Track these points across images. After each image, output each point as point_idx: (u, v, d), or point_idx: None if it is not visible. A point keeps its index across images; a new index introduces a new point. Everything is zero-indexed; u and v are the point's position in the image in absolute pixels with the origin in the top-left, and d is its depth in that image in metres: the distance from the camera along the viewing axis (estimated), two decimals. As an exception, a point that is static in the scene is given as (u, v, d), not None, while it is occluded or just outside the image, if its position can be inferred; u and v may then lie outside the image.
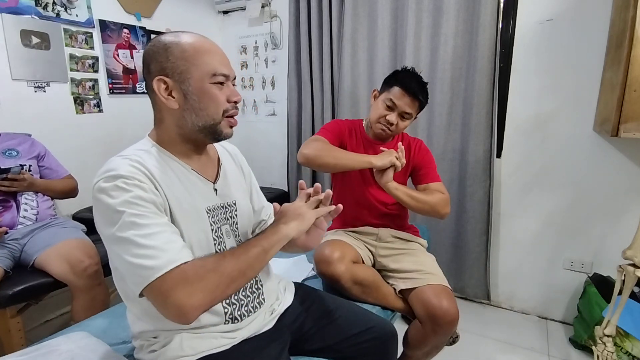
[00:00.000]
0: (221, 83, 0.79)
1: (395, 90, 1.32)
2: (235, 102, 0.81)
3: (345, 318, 1.02)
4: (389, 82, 1.37)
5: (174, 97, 0.77)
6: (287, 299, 1.01)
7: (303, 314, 1.00)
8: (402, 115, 1.34)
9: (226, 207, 0.88)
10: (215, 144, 0.93)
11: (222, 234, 0.85)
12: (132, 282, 0.67)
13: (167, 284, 0.65)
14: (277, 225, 0.80)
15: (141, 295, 0.68)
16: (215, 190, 0.87)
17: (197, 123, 0.78)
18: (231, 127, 0.83)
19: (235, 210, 0.90)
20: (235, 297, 0.86)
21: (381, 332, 1.02)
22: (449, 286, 1.26)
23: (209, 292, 0.68)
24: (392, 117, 1.33)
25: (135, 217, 0.67)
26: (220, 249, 0.83)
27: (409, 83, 1.32)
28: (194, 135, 0.81)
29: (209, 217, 0.82)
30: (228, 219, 0.88)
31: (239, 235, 0.90)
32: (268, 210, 1.06)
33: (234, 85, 0.84)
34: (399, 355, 1.24)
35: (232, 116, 0.81)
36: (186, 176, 0.81)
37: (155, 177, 0.74)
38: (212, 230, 0.83)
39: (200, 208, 0.81)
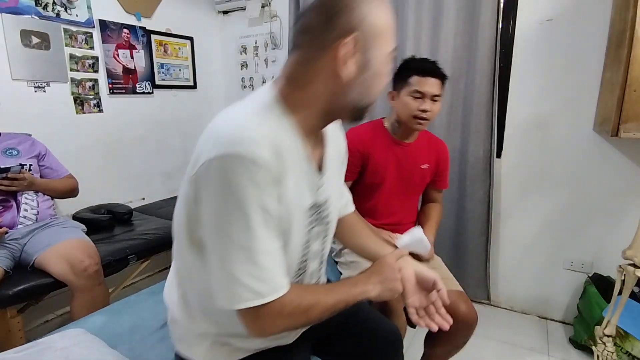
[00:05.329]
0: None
1: (415, 79, 1.29)
2: None
3: (351, 319, 0.99)
4: (402, 76, 1.33)
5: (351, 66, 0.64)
6: None
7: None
8: (433, 99, 1.31)
9: (320, 206, 0.75)
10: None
11: (311, 237, 0.75)
12: (225, 296, 0.61)
13: (263, 311, 0.62)
14: (366, 285, 0.73)
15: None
16: (320, 185, 0.73)
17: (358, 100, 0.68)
18: None
19: (327, 209, 0.77)
20: None
21: (386, 335, 1.00)
22: (462, 289, 1.27)
23: (291, 327, 0.71)
24: (426, 105, 1.29)
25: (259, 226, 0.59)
26: (305, 253, 0.75)
27: (424, 66, 1.31)
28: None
29: (308, 217, 0.71)
30: (321, 220, 0.76)
31: (326, 236, 0.81)
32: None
33: None
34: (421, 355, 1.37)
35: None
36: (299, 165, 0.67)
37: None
38: (306, 231, 0.73)
39: (305, 207, 0.70)
